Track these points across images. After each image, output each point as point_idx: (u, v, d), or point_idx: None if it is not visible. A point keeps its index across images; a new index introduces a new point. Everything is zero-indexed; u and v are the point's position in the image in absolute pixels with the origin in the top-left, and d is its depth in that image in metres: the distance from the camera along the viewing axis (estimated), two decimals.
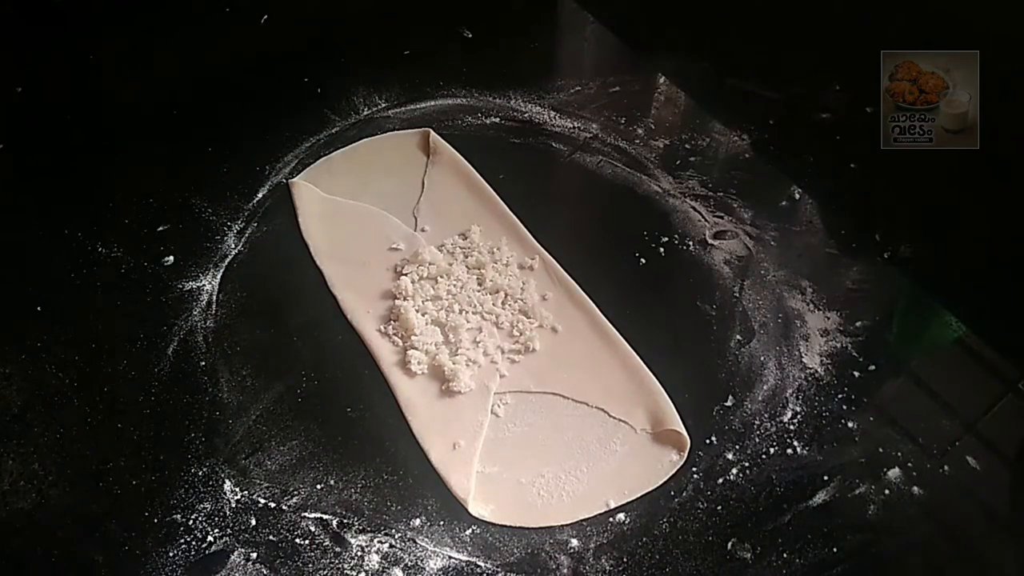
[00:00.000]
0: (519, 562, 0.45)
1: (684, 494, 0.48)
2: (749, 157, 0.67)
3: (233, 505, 0.47)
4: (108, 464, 0.49)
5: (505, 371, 0.53)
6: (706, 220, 0.62)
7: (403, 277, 0.57)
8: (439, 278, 0.57)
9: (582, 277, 0.57)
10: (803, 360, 0.54)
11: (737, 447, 0.50)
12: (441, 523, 0.47)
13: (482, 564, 0.45)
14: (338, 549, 0.45)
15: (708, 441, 0.50)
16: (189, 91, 0.73)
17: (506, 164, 0.65)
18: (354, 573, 0.44)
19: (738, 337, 0.55)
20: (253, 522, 0.46)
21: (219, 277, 0.59)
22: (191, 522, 0.46)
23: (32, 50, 0.76)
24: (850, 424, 0.51)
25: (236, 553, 0.45)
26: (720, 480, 0.48)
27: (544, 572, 0.45)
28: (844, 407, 0.51)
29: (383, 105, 0.71)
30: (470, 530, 0.46)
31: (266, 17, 0.79)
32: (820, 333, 0.55)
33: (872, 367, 0.53)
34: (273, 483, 0.48)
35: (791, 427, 0.51)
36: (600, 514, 0.47)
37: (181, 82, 0.74)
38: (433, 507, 0.47)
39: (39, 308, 0.57)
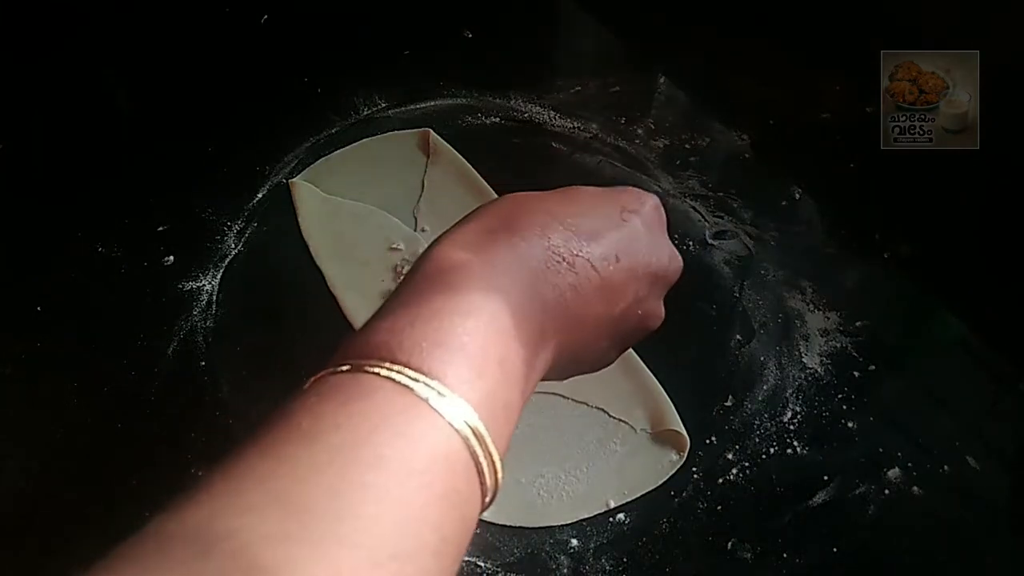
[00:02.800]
0: (519, 562, 0.45)
1: (684, 494, 0.48)
2: (749, 157, 0.67)
3: None
4: (108, 464, 0.49)
5: None
6: (706, 220, 0.62)
7: (403, 277, 0.57)
8: None
9: None
10: (803, 360, 0.54)
11: (737, 447, 0.50)
12: None
13: (482, 564, 0.45)
14: None
15: (708, 441, 0.50)
16: (189, 91, 0.73)
17: (506, 164, 0.65)
18: None
19: (738, 337, 0.55)
20: None
21: (219, 277, 0.59)
22: None
23: (32, 50, 0.76)
24: (850, 424, 0.51)
25: None
26: (720, 480, 0.48)
27: (544, 572, 0.45)
28: (844, 407, 0.51)
29: (383, 105, 0.71)
30: None
31: (266, 17, 0.79)
32: (820, 333, 0.55)
33: (872, 367, 0.53)
34: None
35: (791, 427, 0.51)
36: (600, 514, 0.47)
37: (180, 82, 0.74)
38: None
39: (39, 308, 0.57)
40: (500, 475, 0.26)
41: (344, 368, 0.26)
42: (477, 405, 0.25)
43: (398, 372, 0.25)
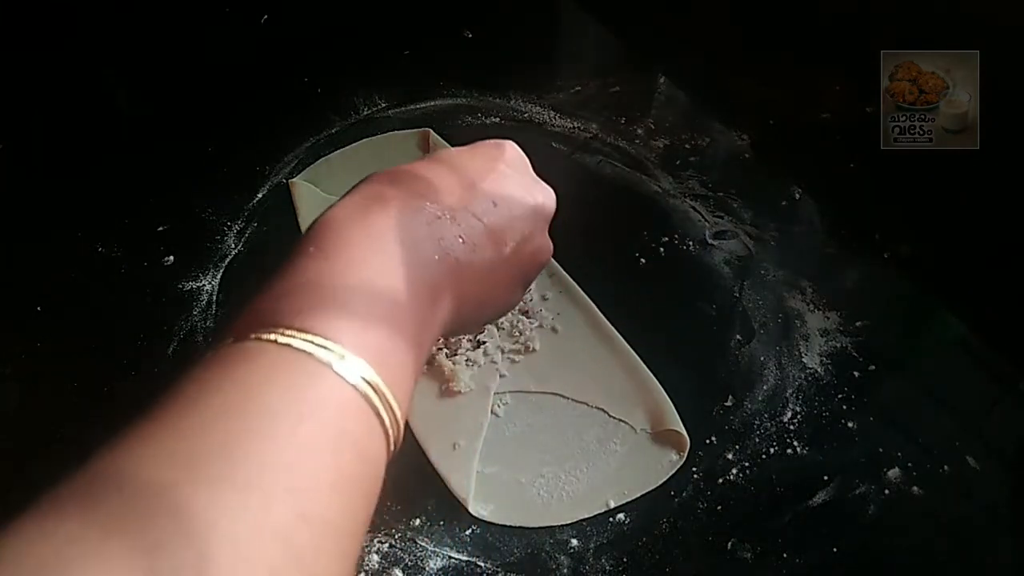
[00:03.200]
0: (519, 562, 0.45)
1: (684, 494, 0.48)
2: (749, 157, 0.67)
3: None
4: None
5: (505, 371, 0.53)
6: (706, 220, 0.62)
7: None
8: None
9: (582, 277, 0.57)
10: (803, 360, 0.54)
11: (737, 447, 0.50)
12: (441, 523, 0.47)
13: (482, 564, 0.45)
14: None
15: (708, 441, 0.50)
16: (188, 91, 0.73)
17: None
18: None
19: (738, 337, 0.55)
20: None
21: (219, 277, 0.59)
22: None
23: (32, 50, 0.76)
24: (850, 424, 0.51)
25: None
26: (720, 480, 0.48)
27: (544, 572, 0.45)
28: (844, 407, 0.51)
29: (383, 105, 0.71)
30: (470, 530, 0.46)
31: (266, 17, 0.79)
32: (820, 333, 0.55)
33: (872, 367, 0.53)
34: None
35: (791, 427, 0.51)
36: (600, 514, 0.47)
37: (180, 82, 0.74)
38: (433, 507, 0.47)
39: (39, 308, 0.57)
40: (400, 417, 0.27)
41: (228, 342, 0.26)
42: (363, 352, 0.26)
43: (279, 334, 0.25)
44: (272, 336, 0.25)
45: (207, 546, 0.20)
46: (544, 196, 0.40)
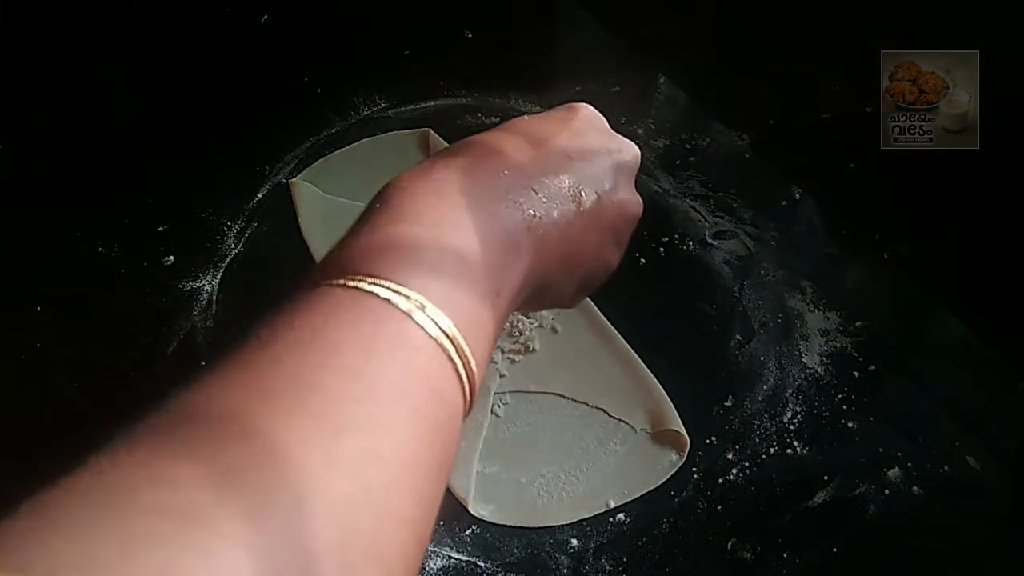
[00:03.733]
0: (519, 562, 0.45)
1: (684, 494, 0.48)
2: (749, 157, 0.67)
3: None
4: None
5: (505, 371, 0.53)
6: (706, 220, 0.62)
7: None
8: None
9: None
10: (803, 360, 0.54)
11: (737, 447, 0.50)
12: (441, 523, 0.47)
13: (482, 564, 0.45)
14: None
15: (708, 441, 0.50)
16: (188, 91, 0.73)
17: None
18: None
19: (738, 337, 0.55)
20: None
21: (219, 277, 0.59)
22: None
23: (32, 50, 0.76)
24: (850, 424, 0.51)
25: None
26: (720, 480, 0.48)
27: (544, 572, 0.45)
28: (844, 407, 0.51)
29: (383, 105, 0.71)
30: (470, 530, 0.46)
31: (266, 17, 0.79)
32: (820, 333, 0.55)
33: (872, 367, 0.53)
34: None
35: (791, 427, 0.51)
36: (600, 514, 0.47)
37: (180, 82, 0.74)
38: None
39: (39, 308, 0.57)
40: (474, 363, 0.26)
41: (299, 293, 0.27)
42: (431, 295, 0.26)
43: (347, 278, 0.26)
44: (340, 281, 0.26)
45: (280, 473, 0.20)
46: (626, 148, 0.39)
